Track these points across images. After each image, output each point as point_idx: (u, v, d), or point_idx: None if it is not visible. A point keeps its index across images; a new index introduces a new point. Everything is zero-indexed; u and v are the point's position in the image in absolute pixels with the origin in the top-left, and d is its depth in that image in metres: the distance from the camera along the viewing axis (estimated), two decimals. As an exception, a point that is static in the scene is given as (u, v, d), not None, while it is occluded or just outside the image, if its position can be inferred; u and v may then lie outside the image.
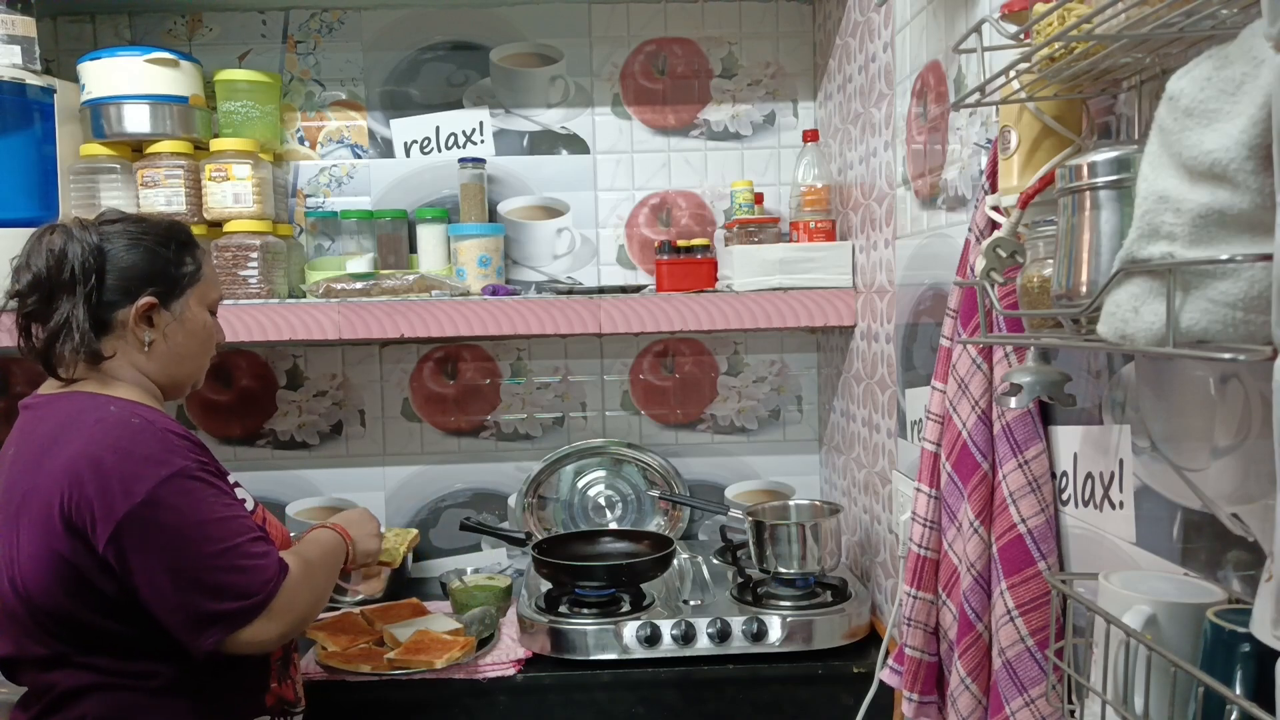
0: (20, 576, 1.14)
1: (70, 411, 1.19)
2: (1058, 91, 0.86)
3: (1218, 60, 0.59)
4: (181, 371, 1.30)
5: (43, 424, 1.20)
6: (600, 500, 2.09)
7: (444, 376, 2.10)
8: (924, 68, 1.40)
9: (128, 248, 1.23)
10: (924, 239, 1.42)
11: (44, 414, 1.22)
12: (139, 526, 1.10)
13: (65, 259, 1.19)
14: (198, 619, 1.13)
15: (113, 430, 1.15)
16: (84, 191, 1.83)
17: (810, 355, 2.13)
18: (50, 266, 1.19)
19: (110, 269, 1.21)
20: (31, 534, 1.13)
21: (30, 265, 1.21)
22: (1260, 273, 0.56)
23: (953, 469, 1.10)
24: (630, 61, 2.08)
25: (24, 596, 1.15)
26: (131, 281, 1.23)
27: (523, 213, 2.09)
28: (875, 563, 1.71)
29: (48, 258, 1.19)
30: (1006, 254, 0.91)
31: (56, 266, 1.19)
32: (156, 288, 1.24)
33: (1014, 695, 0.98)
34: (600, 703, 1.54)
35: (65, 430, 1.16)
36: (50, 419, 1.20)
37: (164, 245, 1.26)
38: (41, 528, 1.12)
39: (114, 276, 1.22)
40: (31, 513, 1.13)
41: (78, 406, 1.19)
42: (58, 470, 1.12)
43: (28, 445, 1.19)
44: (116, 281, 1.22)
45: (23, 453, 1.19)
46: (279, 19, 2.04)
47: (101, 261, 1.21)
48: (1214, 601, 0.73)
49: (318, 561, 1.29)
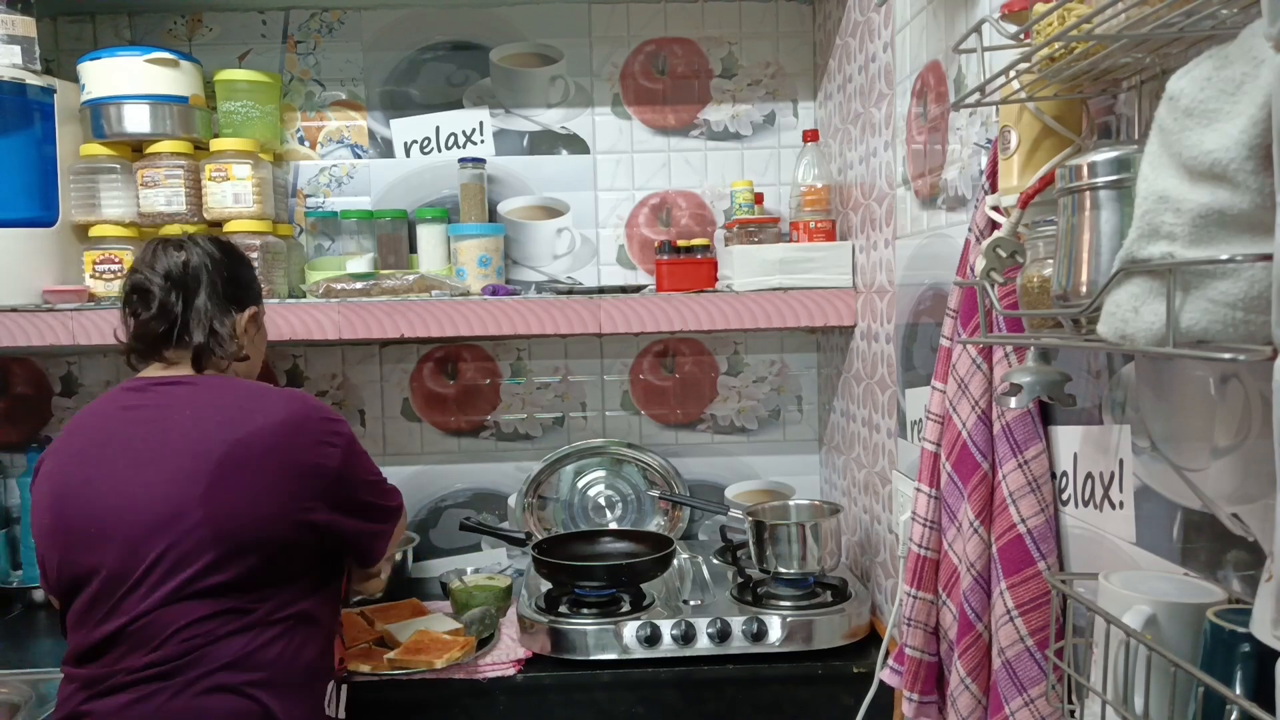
0: (239, 517, 1.23)
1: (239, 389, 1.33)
2: (1058, 91, 0.86)
3: (1218, 60, 0.59)
4: (253, 373, 1.46)
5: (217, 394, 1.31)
6: (600, 500, 2.09)
7: (444, 376, 2.10)
8: (924, 68, 1.40)
9: (233, 262, 1.40)
10: (924, 239, 1.42)
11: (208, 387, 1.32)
12: (353, 458, 1.34)
13: (199, 268, 1.34)
14: (382, 518, 1.40)
15: (298, 398, 1.34)
16: (84, 191, 1.83)
17: (810, 355, 2.13)
18: (184, 274, 1.33)
19: (226, 280, 1.37)
20: (257, 480, 1.24)
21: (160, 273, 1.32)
22: (1260, 273, 0.56)
23: (953, 469, 1.10)
24: (630, 61, 2.08)
25: (236, 535, 1.23)
26: (239, 291, 1.39)
27: (523, 213, 2.09)
28: (875, 563, 1.71)
29: (180, 264, 1.33)
30: (1006, 254, 0.91)
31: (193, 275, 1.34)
32: (256, 298, 1.44)
33: (1014, 695, 0.98)
34: (600, 703, 1.54)
35: (260, 396, 1.31)
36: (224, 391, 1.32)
37: (246, 264, 1.45)
38: (271, 473, 1.25)
39: (230, 286, 1.37)
40: (258, 462, 1.25)
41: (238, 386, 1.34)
42: (278, 424, 1.27)
43: (216, 407, 1.28)
44: (232, 291, 1.38)
45: (216, 414, 1.27)
46: (279, 19, 2.04)
47: (222, 271, 1.37)
48: (1214, 601, 0.73)
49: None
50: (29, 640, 1.77)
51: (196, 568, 1.21)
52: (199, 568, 1.21)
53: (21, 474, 2.00)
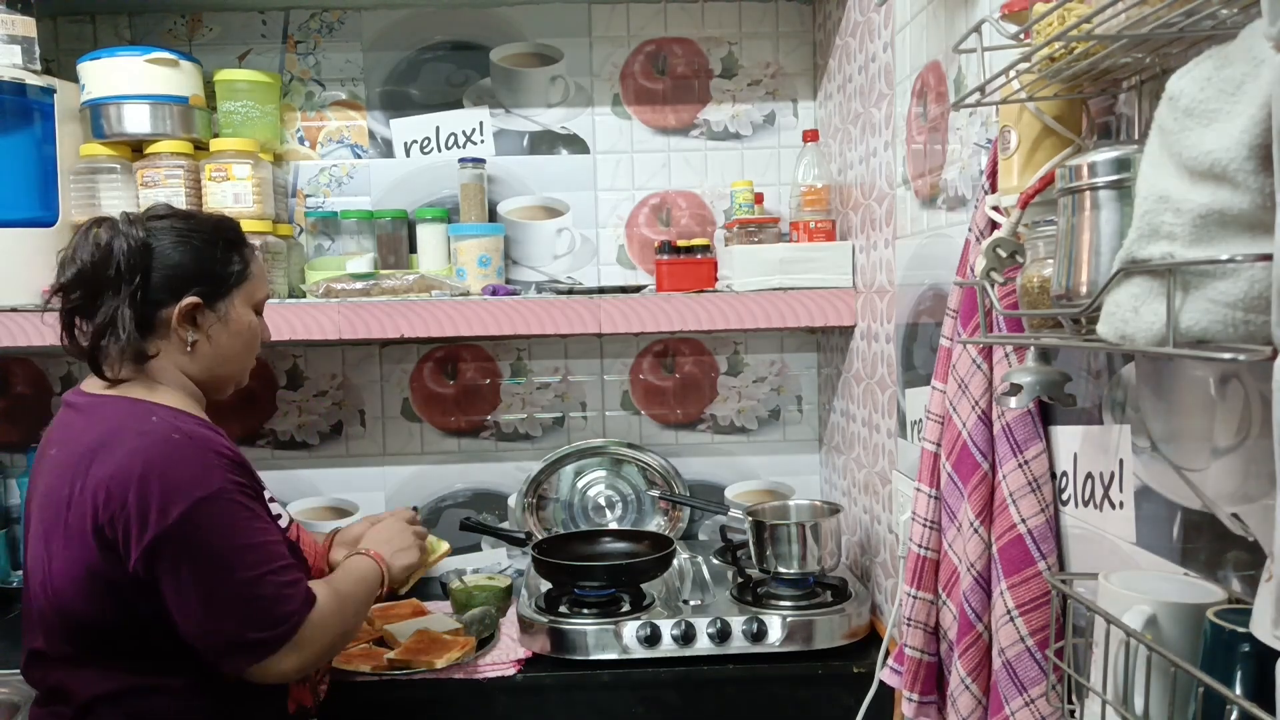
0: (52, 580, 1.15)
1: (114, 420, 1.17)
2: (1058, 91, 0.86)
3: (1218, 60, 0.59)
4: (224, 371, 1.29)
5: (87, 430, 1.18)
6: (600, 500, 2.09)
7: (444, 376, 2.10)
8: (924, 68, 1.40)
9: (174, 245, 1.21)
10: (924, 239, 1.42)
11: (88, 417, 1.20)
12: (171, 548, 1.10)
13: (111, 254, 1.17)
14: (223, 645, 1.13)
15: (154, 446, 1.13)
16: (84, 191, 1.83)
17: (810, 355, 2.13)
18: (96, 261, 1.17)
19: (156, 266, 1.20)
20: (67, 542, 1.13)
21: (76, 259, 1.18)
22: (1260, 273, 0.56)
23: (953, 469, 1.10)
24: (630, 61, 2.08)
25: (53, 599, 1.15)
26: (177, 280, 1.21)
27: (523, 213, 2.09)
28: (875, 563, 1.71)
29: (94, 252, 1.17)
30: (1006, 254, 0.91)
31: (102, 262, 1.17)
32: (201, 287, 1.23)
33: (1014, 695, 0.98)
34: (600, 703, 1.54)
35: (108, 441, 1.14)
36: (94, 425, 1.18)
37: (211, 244, 1.25)
38: (77, 538, 1.12)
39: (160, 274, 1.20)
40: (68, 521, 1.13)
41: (121, 414, 1.18)
42: (97, 483, 1.11)
43: (69, 449, 1.17)
44: (162, 280, 1.20)
45: (62, 456, 1.17)
46: (279, 19, 2.04)
47: (148, 259, 1.19)
48: (1214, 601, 0.72)
49: (349, 593, 1.28)
50: (29, 640, 1.76)
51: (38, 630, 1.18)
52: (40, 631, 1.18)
53: (21, 474, 2.00)
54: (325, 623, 1.19)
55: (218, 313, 1.25)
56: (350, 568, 1.35)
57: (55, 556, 1.14)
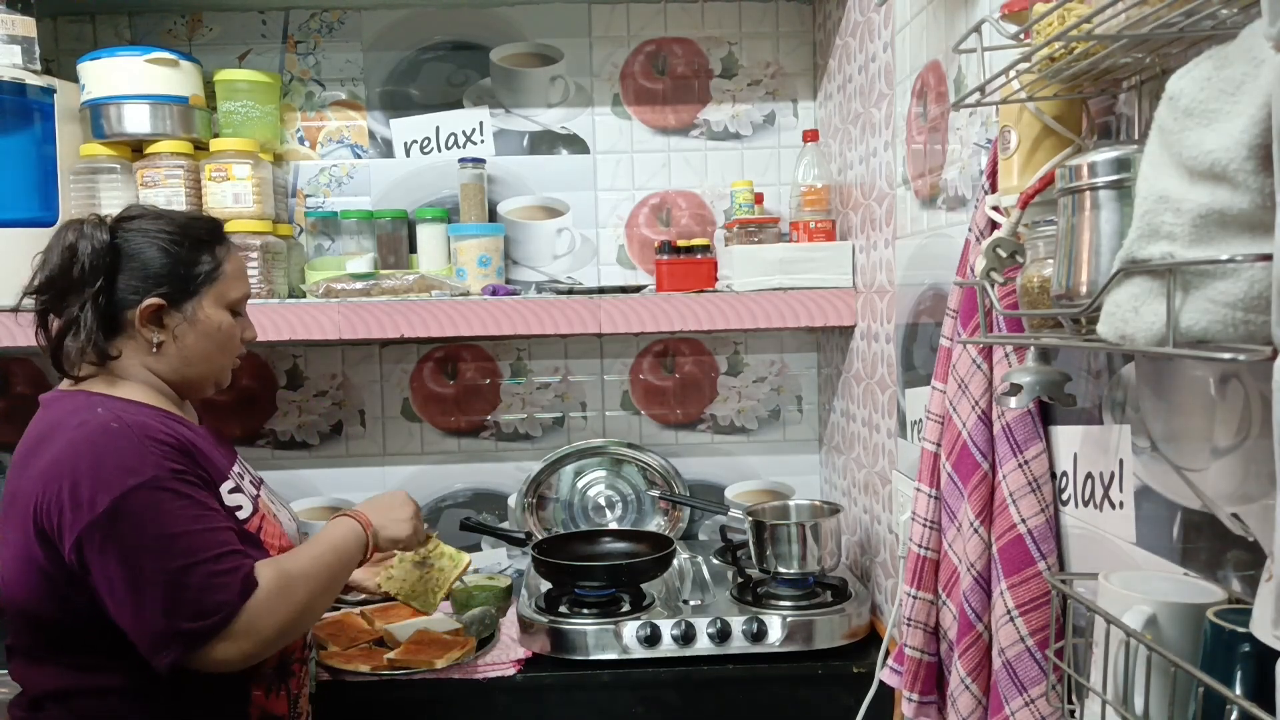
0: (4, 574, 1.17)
1: (61, 413, 1.18)
2: (1058, 91, 0.86)
3: (1218, 60, 0.59)
4: (193, 372, 1.27)
5: (37, 424, 1.20)
6: (600, 500, 2.09)
7: (444, 376, 2.10)
8: (924, 68, 1.40)
9: (141, 246, 1.21)
10: (924, 239, 1.42)
11: (43, 412, 1.22)
12: (99, 537, 1.08)
13: (76, 256, 1.17)
14: (155, 636, 1.10)
15: (89, 435, 1.12)
16: (84, 191, 1.83)
17: (810, 355, 2.13)
18: (63, 263, 1.18)
19: (123, 268, 1.20)
20: (14, 535, 1.15)
21: (46, 261, 1.20)
22: (1260, 273, 0.56)
23: (953, 469, 1.10)
24: (630, 61, 2.08)
25: (6, 592, 1.17)
26: (143, 281, 1.21)
27: (523, 213, 2.09)
28: (875, 563, 1.71)
29: (62, 254, 1.18)
30: (1006, 254, 0.91)
31: (68, 263, 1.18)
32: (166, 288, 1.22)
33: (1014, 695, 0.98)
34: (600, 703, 1.54)
35: (51, 433, 1.15)
36: (42, 420, 1.20)
37: (178, 244, 1.23)
38: (20, 530, 1.13)
39: (126, 275, 1.20)
40: (15, 513, 1.14)
41: (68, 408, 1.18)
42: (36, 474, 1.12)
43: (21, 444, 1.20)
44: (128, 281, 1.20)
45: (19, 454, 1.19)
46: (279, 19, 2.04)
47: (114, 260, 1.19)
48: (1214, 601, 0.72)
49: (303, 570, 1.21)
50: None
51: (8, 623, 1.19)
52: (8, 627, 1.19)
53: (21, 474, 2.00)
54: (268, 607, 1.14)
55: (184, 313, 1.24)
56: (321, 536, 1.30)
57: (7, 551, 1.16)
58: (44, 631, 1.17)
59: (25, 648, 1.19)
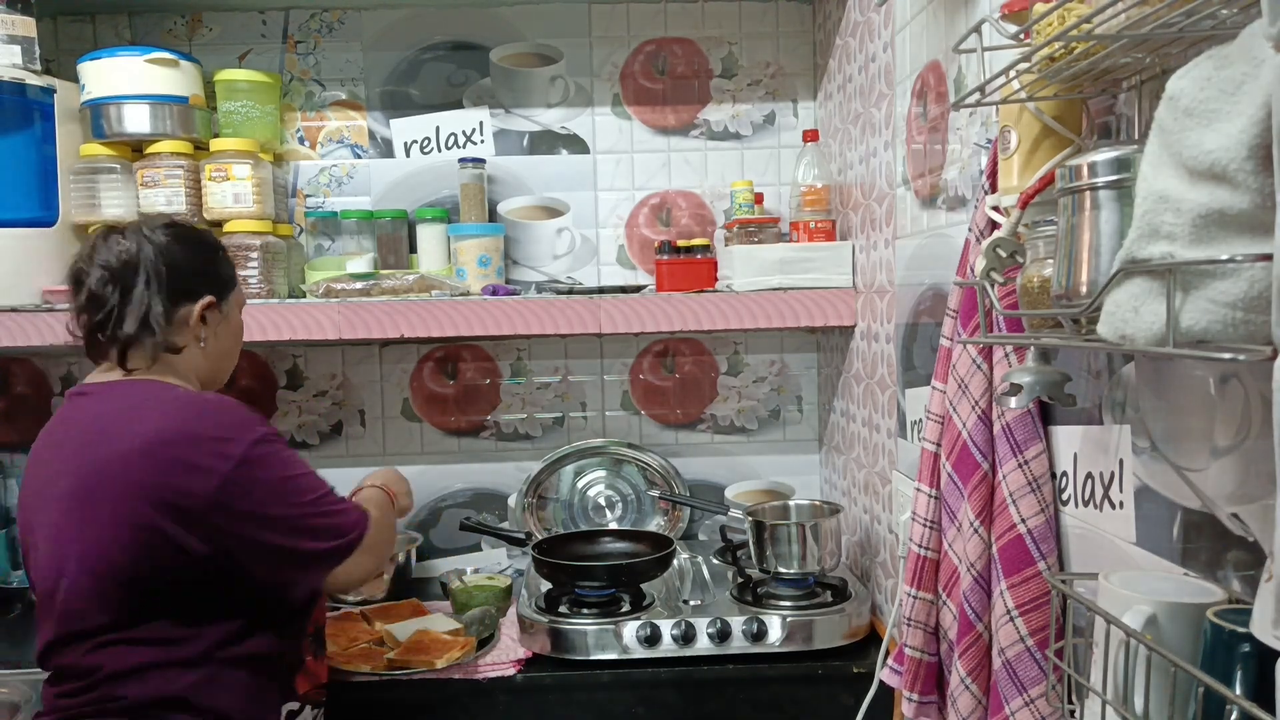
0: (91, 553, 1.16)
1: (139, 395, 1.23)
2: (1058, 91, 0.86)
3: (1218, 60, 0.59)
4: (221, 368, 1.37)
5: (108, 405, 1.23)
6: (600, 500, 2.09)
7: (444, 376, 2.10)
8: (924, 68, 1.40)
9: (187, 250, 1.30)
10: (924, 239, 1.42)
11: (107, 397, 1.24)
12: (239, 486, 1.17)
13: (139, 258, 1.25)
14: (302, 561, 1.23)
15: (194, 403, 1.22)
16: (84, 191, 1.83)
17: (810, 355, 2.13)
18: (123, 264, 1.24)
19: (175, 268, 1.27)
20: (108, 508, 1.16)
21: (98, 263, 1.25)
22: (1260, 273, 0.56)
23: (953, 469, 1.10)
24: (630, 61, 2.08)
25: (93, 571, 1.17)
26: (193, 280, 1.29)
27: (523, 213, 2.09)
28: (875, 563, 1.71)
29: (120, 255, 1.25)
30: (1006, 254, 0.91)
31: (130, 265, 1.24)
32: (215, 288, 1.32)
33: (1014, 695, 0.98)
34: (600, 703, 1.54)
35: (140, 409, 1.21)
36: (116, 401, 1.23)
37: (212, 250, 1.35)
38: (123, 501, 1.15)
39: (178, 276, 1.27)
40: (109, 489, 1.16)
41: (144, 391, 1.24)
42: (139, 446, 1.16)
43: (89, 426, 1.21)
44: (181, 281, 1.28)
45: (87, 435, 1.21)
46: (279, 19, 2.04)
47: (170, 260, 1.27)
48: (1214, 601, 0.72)
49: (381, 510, 1.39)
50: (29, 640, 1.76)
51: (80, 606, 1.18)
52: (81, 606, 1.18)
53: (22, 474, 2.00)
54: (381, 529, 1.33)
55: (223, 312, 1.34)
56: (368, 496, 1.42)
57: (96, 530, 1.16)
58: (141, 600, 1.18)
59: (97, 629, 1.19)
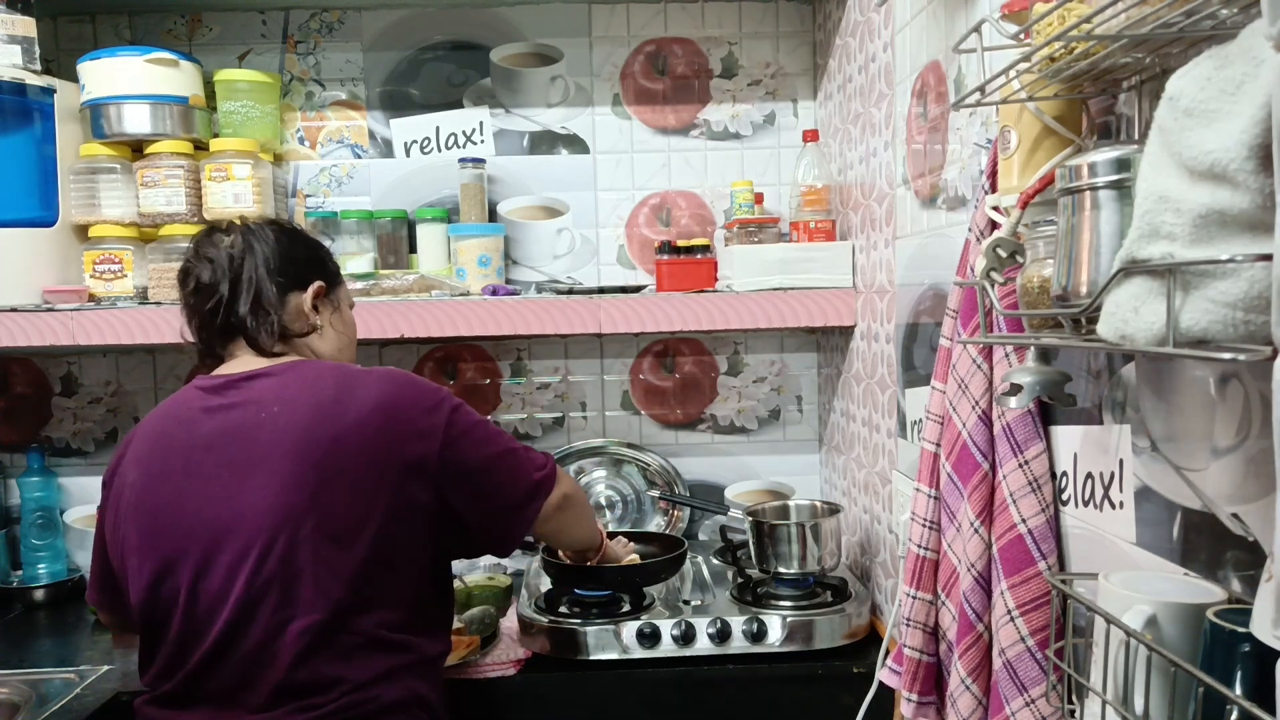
0: (336, 525, 1.16)
1: (318, 373, 1.25)
2: (1058, 91, 0.86)
3: (1218, 60, 0.59)
4: (342, 351, 1.39)
5: (287, 388, 1.22)
6: (600, 500, 2.09)
7: (444, 376, 2.10)
8: (924, 68, 1.40)
9: (292, 240, 1.34)
10: (924, 239, 1.42)
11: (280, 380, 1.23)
12: (460, 431, 1.25)
13: (245, 249, 1.28)
14: (525, 492, 1.31)
15: (389, 375, 1.26)
16: (84, 191, 1.84)
17: (810, 355, 2.13)
18: (229, 257, 1.28)
19: (282, 256, 1.31)
20: (364, 488, 1.18)
21: (204, 257, 1.28)
22: (1260, 273, 0.56)
23: (953, 469, 1.10)
24: (630, 61, 2.08)
25: (339, 540, 1.16)
26: (301, 268, 1.33)
27: (523, 213, 2.09)
28: (875, 563, 1.71)
29: (226, 248, 1.28)
30: (1006, 254, 0.91)
31: (237, 256, 1.28)
32: (323, 276, 1.36)
33: (1014, 695, 0.98)
34: (600, 703, 1.54)
35: (347, 386, 1.22)
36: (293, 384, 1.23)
37: (316, 244, 1.40)
38: (373, 470, 1.18)
39: (286, 262, 1.31)
40: (352, 460, 1.18)
41: (317, 369, 1.26)
42: (367, 416, 1.19)
43: (290, 409, 1.19)
44: (289, 267, 1.31)
45: (290, 417, 1.19)
46: (279, 19, 2.04)
47: (276, 249, 1.31)
48: (1214, 601, 0.72)
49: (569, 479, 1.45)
50: (29, 640, 1.77)
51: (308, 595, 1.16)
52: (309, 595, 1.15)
53: (22, 474, 2.00)
54: (572, 482, 1.42)
55: (333, 302, 1.38)
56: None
57: (337, 504, 1.17)
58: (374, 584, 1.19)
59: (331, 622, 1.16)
